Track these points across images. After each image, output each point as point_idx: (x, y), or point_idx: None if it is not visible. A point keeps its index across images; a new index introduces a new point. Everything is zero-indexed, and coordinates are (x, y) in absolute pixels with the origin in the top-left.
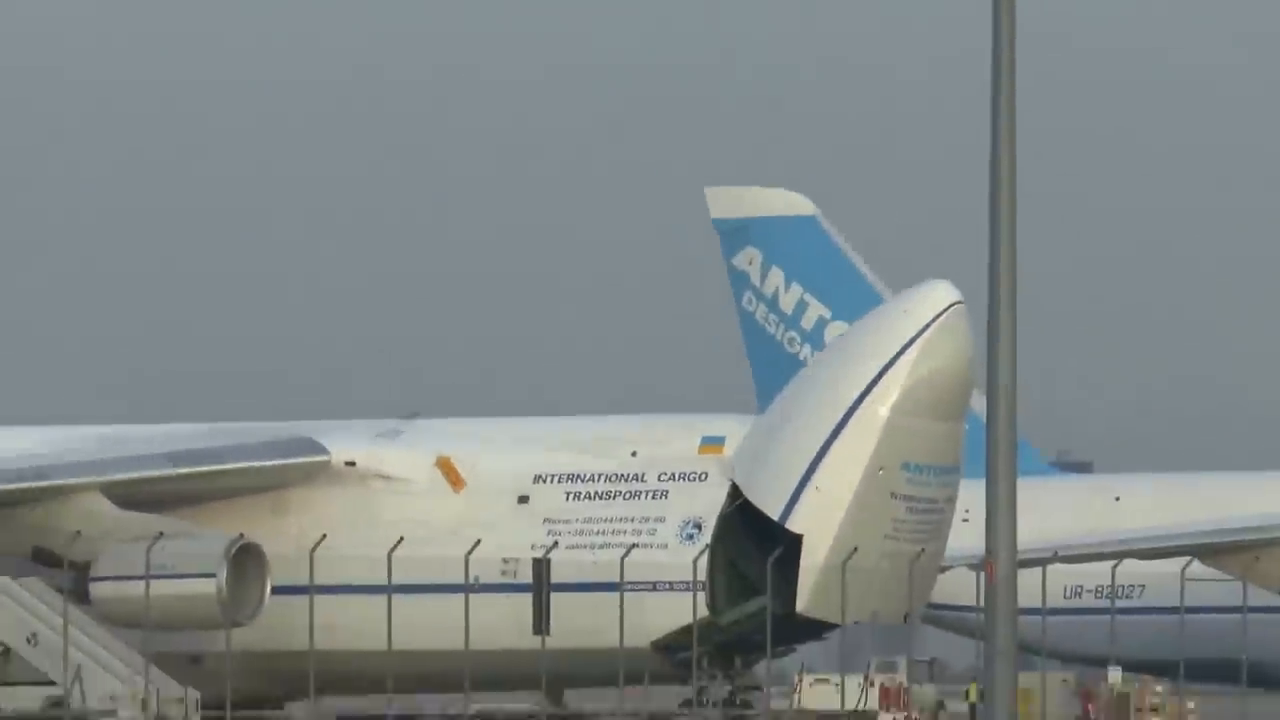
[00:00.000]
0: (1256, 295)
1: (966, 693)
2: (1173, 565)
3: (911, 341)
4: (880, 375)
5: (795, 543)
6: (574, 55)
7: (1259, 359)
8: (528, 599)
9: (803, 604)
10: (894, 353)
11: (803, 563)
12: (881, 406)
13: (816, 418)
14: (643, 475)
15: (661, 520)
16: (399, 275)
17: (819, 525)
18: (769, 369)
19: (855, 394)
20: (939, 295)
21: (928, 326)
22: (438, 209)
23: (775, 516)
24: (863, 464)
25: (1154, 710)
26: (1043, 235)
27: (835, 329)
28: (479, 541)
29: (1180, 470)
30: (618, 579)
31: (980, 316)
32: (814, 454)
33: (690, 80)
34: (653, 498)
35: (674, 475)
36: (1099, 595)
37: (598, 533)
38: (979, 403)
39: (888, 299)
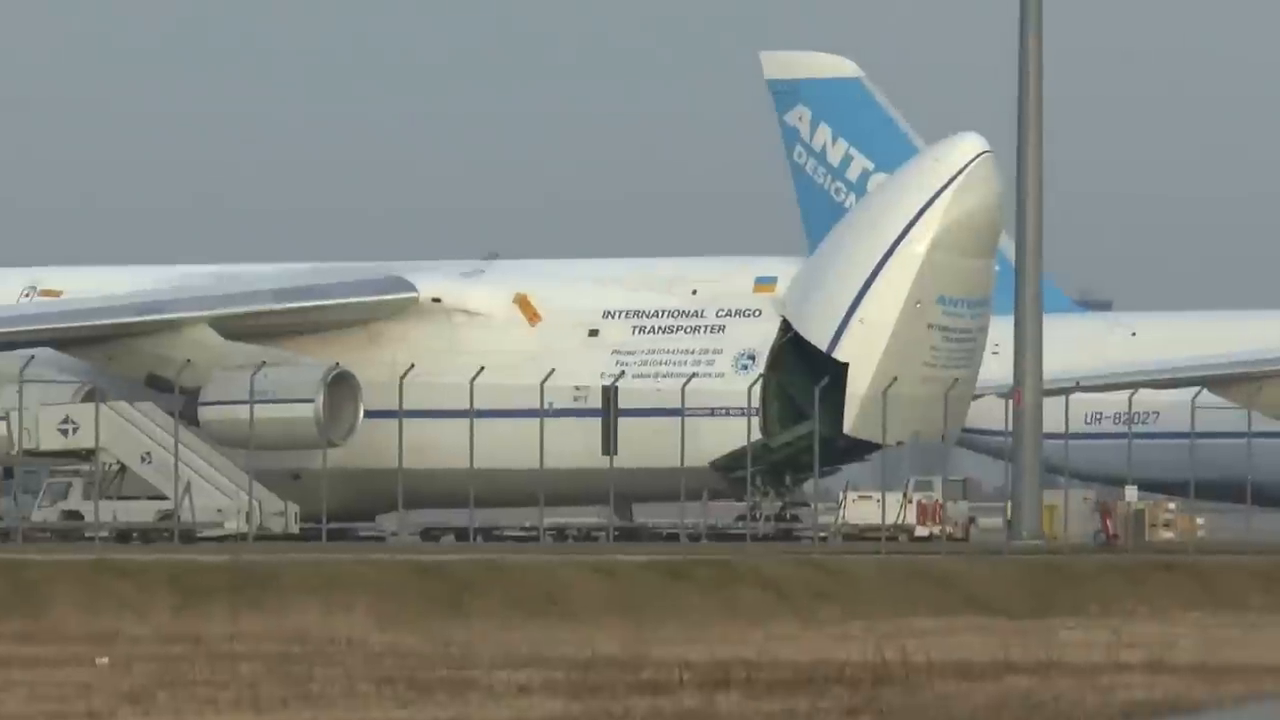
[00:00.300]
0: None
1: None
2: (1184, 394)
3: (944, 187)
4: (916, 217)
5: (841, 372)
6: None
7: (1266, 204)
8: (597, 423)
9: (849, 426)
10: (929, 197)
11: (849, 388)
12: (918, 245)
13: (860, 256)
14: (702, 311)
15: (719, 352)
16: (485, 129)
17: (863, 354)
18: (817, 216)
19: (894, 235)
20: (969, 145)
21: (959, 173)
22: (520, 70)
23: (823, 347)
24: (902, 297)
25: (1166, 525)
26: (1068, 91)
27: (877, 180)
28: (553, 371)
29: (1192, 309)
30: (679, 405)
31: (1009, 166)
32: (858, 289)
33: None
34: (711, 332)
35: (730, 311)
36: (1117, 421)
37: (661, 363)
38: (1009, 246)
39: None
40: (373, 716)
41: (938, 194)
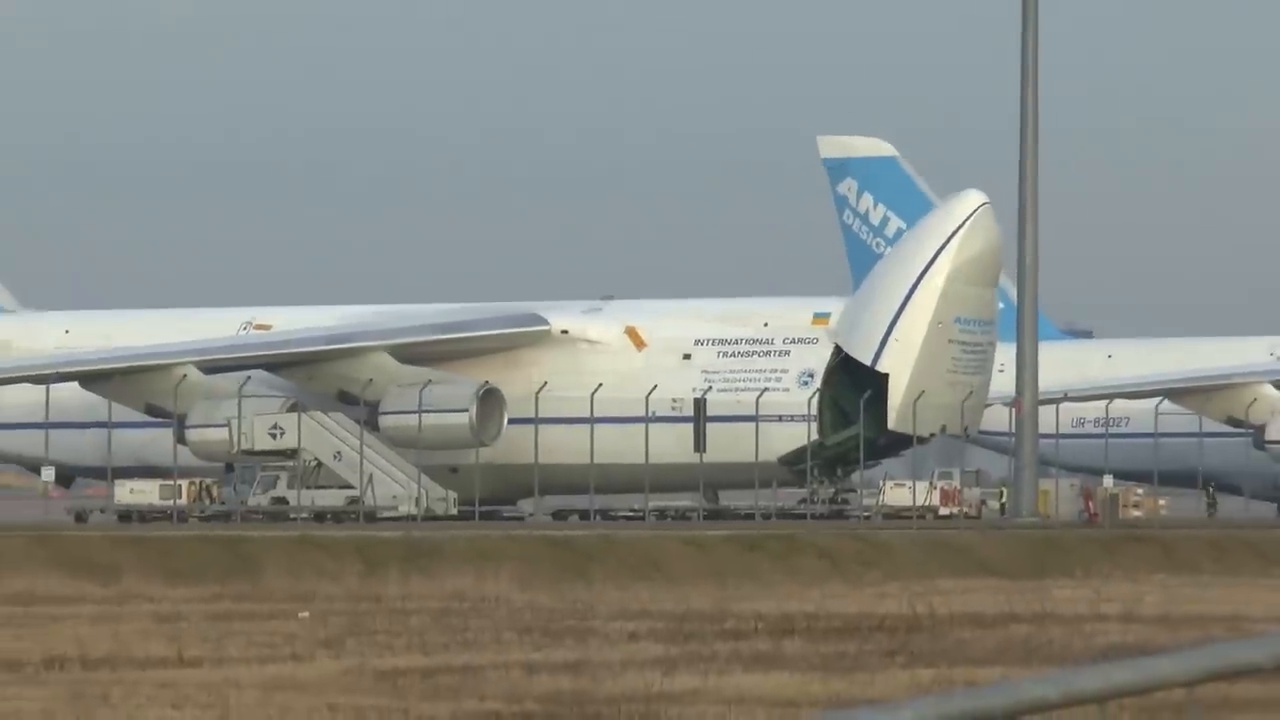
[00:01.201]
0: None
1: (1000, 493)
2: (1150, 403)
3: (955, 232)
4: (935, 257)
5: (881, 385)
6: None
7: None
8: (689, 427)
9: (892, 422)
10: (943, 241)
11: (890, 392)
12: (938, 278)
13: (893, 290)
14: (772, 340)
15: (785, 371)
16: (603, 199)
17: (900, 365)
18: (861, 265)
19: (918, 271)
20: (972, 199)
21: (965, 221)
22: (627, 157)
23: (868, 362)
24: (927, 319)
25: (1135, 506)
26: (1065, 162)
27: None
28: (655, 386)
29: (1156, 336)
30: (754, 413)
31: (1007, 216)
32: (893, 315)
33: (802, 50)
34: (779, 355)
35: (794, 339)
36: (1096, 425)
37: (740, 380)
38: (1010, 287)
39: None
40: (514, 658)
41: (950, 237)
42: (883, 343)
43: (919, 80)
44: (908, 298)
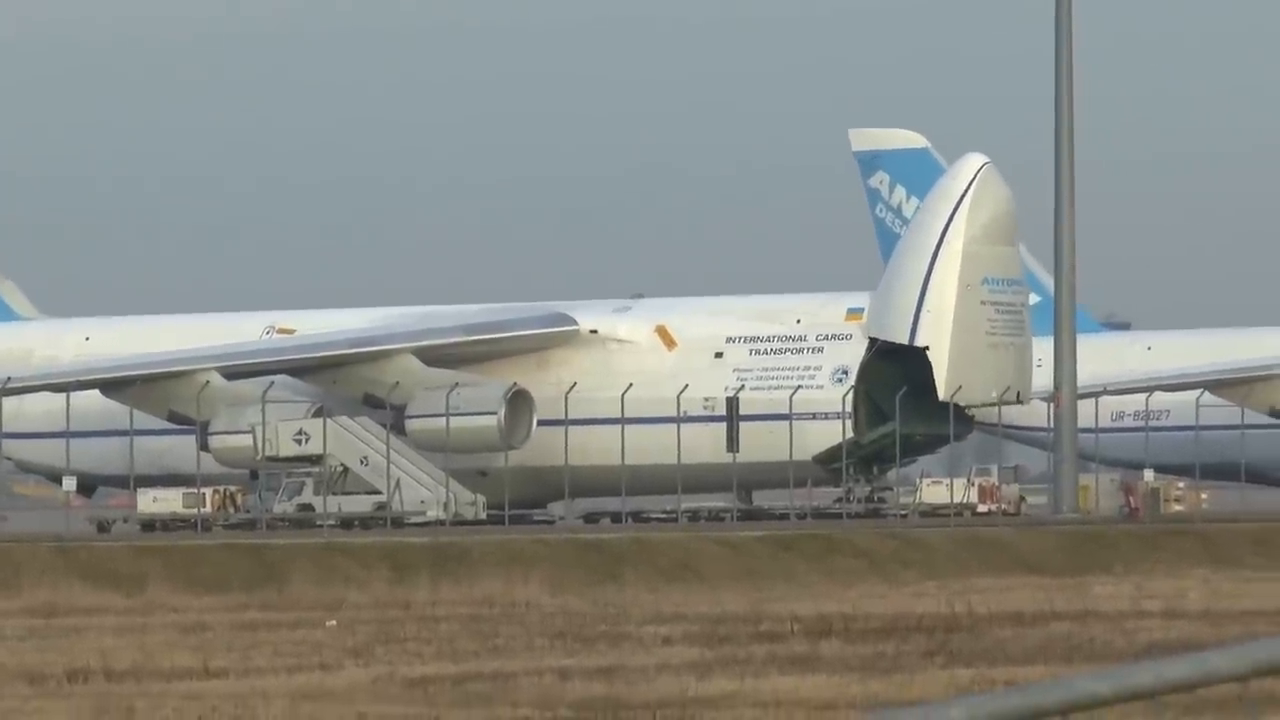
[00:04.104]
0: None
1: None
2: (1190, 395)
3: (964, 195)
4: (949, 222)
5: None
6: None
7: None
8: (722, 426)
9: (943, 394)
10: (954, 205)
11: (934, 365)
12: (956, 241)
13: (915, 264)
14: (804, 336)
15: (819, 368)
16: (632, 196)
17: (938, 335)
18: None
19: (936, 239)
20: (974, 161)
21: (972, 182)
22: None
23: (904, 340)
24: (954, 284)
25: (1177, 500)
26: (1102, 153)
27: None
28: (687, 385)
29: (1195, 328)
30: (788, 411)
31: (1018, 182)
32: (920, 288)
33: (833, 42)
34: (812, 352)
35: (827, 336)
36: (1136, 418)
37: (773, 378)
38: (1048, 281)
39: None
40: (546, 664)
41: (960, 201)
42: (915, 318)
43: (951, 71)
44: (930, 268)
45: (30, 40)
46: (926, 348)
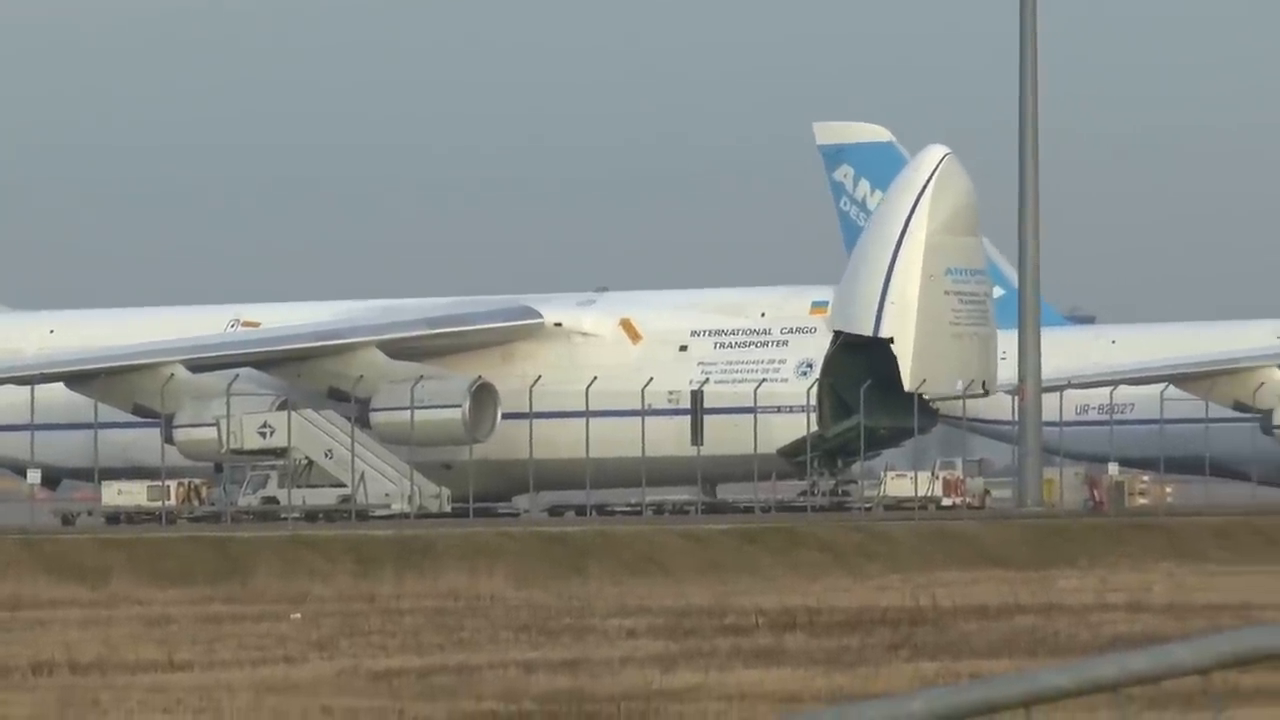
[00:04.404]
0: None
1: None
2: (1154, 389)
3: (925, 185)
4: (912, 213)
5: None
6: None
7: (1227, 231)
8: (686, 420)
9: (908, 384)
10: (915, 196)
11: (899, 356)
12: (919, 232)
13: (879, 256)
14: (769, 330)
15: (783, 362)
16: (596, 189)
17: (902, 326)
18: None
19: (899, 230)
20: (936, 153)
21: (933, 174)
22: (623, 141)
23: (869, 331)
24: (918, 275)
25: (1141, 494)
26: (1067, 147)
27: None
28: (651, 379)
29: (1159, 321)
30: (753, 404)
31: (980, 175)
32: (883, 279)
33: (797, 36)
34: (776, 346)
35: (792, 329)
36: (1100, 411)
37: (737, 371)
38: (1012, 274)
39: None
40: (511, 657)
41: (922, 192)
42: (880, 309)
43: (916, 66)
44: (894, 260)
45: None
46: (891, 339)
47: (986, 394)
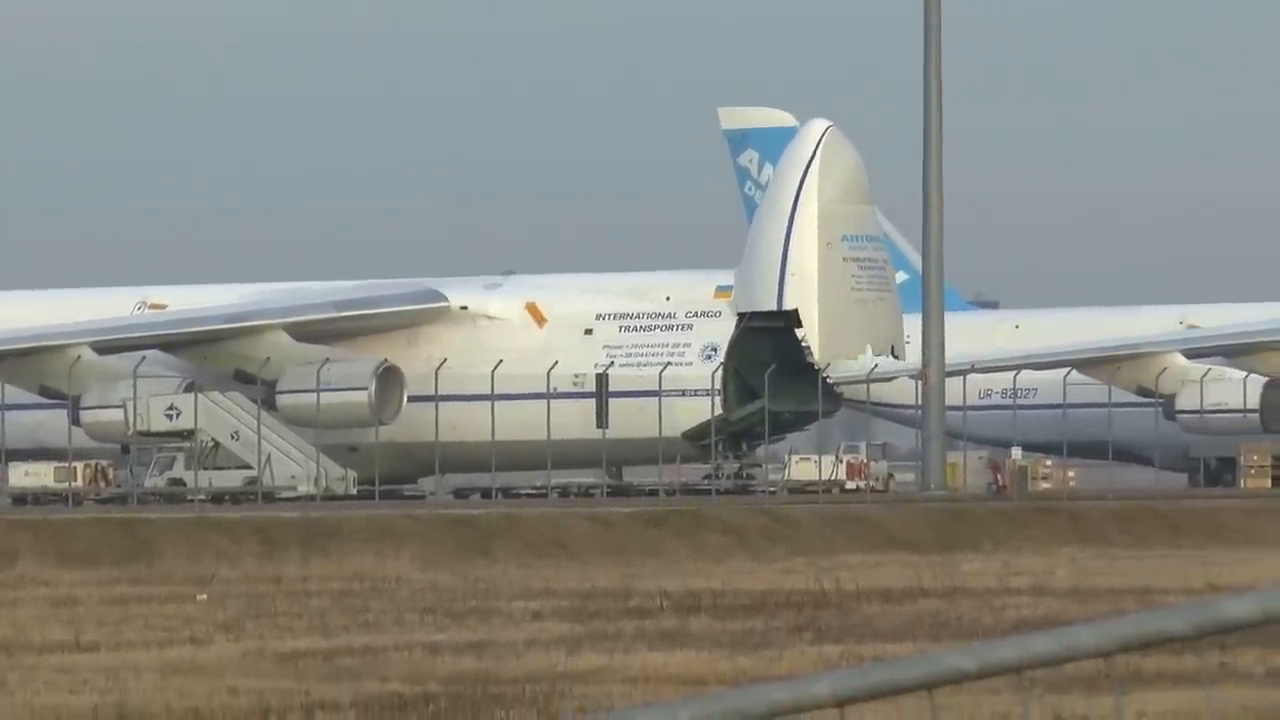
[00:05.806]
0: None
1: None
2: (1057, 374)
3: (812, 157)
4: (801, 184)
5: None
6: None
7: (1131, 217)
8: (592, 403)
9: (817, 355)
10: (803, 169)
11: (805, 326)
12: (811, 202)
13: (774, 230)
14: (674, 314)
15: (688, 345)
16: (503, 169)
17: (804, 296)
18: None
19: (790, 202)
20: (818, 126)
21: (818, 145)
22: (530, 120)
23: (772, 305)
24: (815, 244)
25: (1044, 478)
26: (971, 131)
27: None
28: (557, 362)
29: (1063, 306)
30: (657, 388)
31: (872, 156)
32: (780, 252)
33: (702, 20)
34: (681, 329)
35: (697, 313)
36: (1004, 396)
37: (642, 355)
38: (916, 259)
39: None
40: (416, 639)
41: (809, 164)
42: (780, 281)
43: (820, 51)
44: (789, 231)
45: None
46: (795, 311)
47: (898, 357)
